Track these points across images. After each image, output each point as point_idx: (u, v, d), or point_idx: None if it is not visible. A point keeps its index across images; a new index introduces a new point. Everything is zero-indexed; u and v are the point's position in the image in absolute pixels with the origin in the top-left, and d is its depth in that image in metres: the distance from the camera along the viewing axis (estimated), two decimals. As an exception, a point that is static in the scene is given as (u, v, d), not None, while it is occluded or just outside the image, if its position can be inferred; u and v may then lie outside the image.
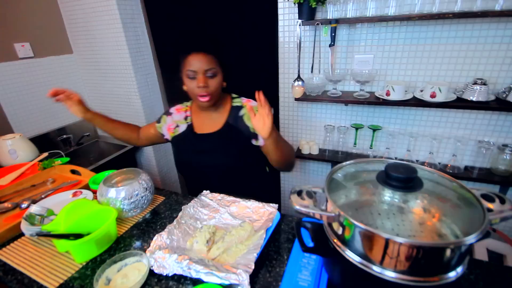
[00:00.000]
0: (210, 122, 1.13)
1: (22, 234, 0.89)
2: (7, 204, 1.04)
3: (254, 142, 1.10)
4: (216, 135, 1.11)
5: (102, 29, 1.92)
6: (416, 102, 1.36)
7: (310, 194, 0.57)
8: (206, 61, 0.98)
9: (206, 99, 1.02)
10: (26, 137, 1.65)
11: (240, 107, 1.12)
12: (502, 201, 0.50)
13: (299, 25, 1.43)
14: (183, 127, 1.18)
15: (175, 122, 1.20)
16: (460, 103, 1.30)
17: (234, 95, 1.17)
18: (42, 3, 1.90)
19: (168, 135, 1.22)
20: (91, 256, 0.80)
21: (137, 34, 1.97)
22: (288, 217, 0.91)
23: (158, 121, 1.24)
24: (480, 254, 1.35)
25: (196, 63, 0.98)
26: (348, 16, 1.42)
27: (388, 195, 0.54)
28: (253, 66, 1.89)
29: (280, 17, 1.58)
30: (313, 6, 1.37)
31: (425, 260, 0.44)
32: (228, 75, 1.07)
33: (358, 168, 0.64)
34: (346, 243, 0.52)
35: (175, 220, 0.86)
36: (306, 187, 0.60)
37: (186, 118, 1.19)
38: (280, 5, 1.56)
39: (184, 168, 1.20)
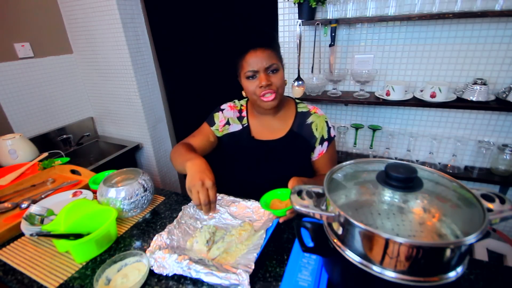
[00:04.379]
0: (271, 128, 1.04)
1: (22, 234, 0.89)
2: (7, 204, 1.04)
3: (311, 154, 1.04)
4: (278, 142, 1.01)
5: (102, 29, 1.92)
6: (416, 102, 1.36)
7: (310, 194, 0.57)
8: (266, 57, 0.88)
9: (272, 97, 0.91)
10: (26, 137, 1.65)
11: (307, 113, 1.04)
12: (502, 201, 0.50)
13: (299, 25, 1.43)
14: (235, 127, 1.08)
15: (225, 118, 1.09)
16: (460, 103, 1.30)
17: (297, 100, 1.09)
18: (42, 3, 1.90)
19: (218, 132, 1.10)
20: (91, 256, 0.80)
21: (137, 34, 1.97)
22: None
23: (211, 123, 1.10)
24: (480, 254, 1.35)
25: (256, 61, 0.87)
26: (348, 16, 1.42)
27: (388, 195, 0.54)
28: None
29: (280, 17, 1.58)
30: (313, 6, 1.37)
31: (425, 260, 0.44)
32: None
33: (358, 168, 0.64)
34: (346, 243, 0.52)
35: (175, 220, 0.86)
36: (306, 187, 0.60)
37: (240, 119, 1.08)
38: (280, 5, 1.56)
39: (228, 173, 1.08)
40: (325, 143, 1.03)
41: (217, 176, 0.90)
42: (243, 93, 1.00)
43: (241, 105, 1.11)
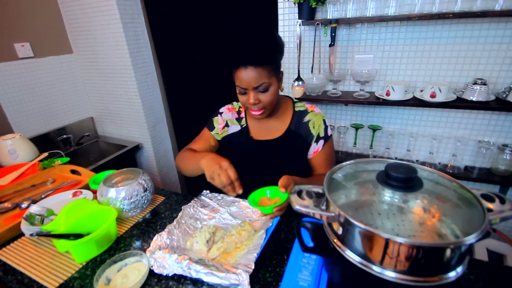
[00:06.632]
0: (269, 128, 1.05)
1: (22, 234, 0.89)
2: (7, 204, 1.04)
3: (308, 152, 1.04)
4: (275, 141, 1.02)
5: (102, 29, 1.92)
6: (416, 102, 1.36)
7: (310, 194, 0.57)
8: (255, 76, 0.85)
9: (259, 112, 0.93)
10: (26, 137, 1.65)
11: (304, 112, 1.04)
12: (502, 201, 0.50)
13: (299, 25, 1.43)
14: (234, 128, 1.09)
15: (224, 120, 1.10)
16: (460, 103, 1.30)
17: (295, 100, 1.09)
18: (42, 3, 1.90)
19: (218, 136, 1.11)
20: (91, 256, 0.80)
21: (137, 34, 1.97)
22: (288, 217, 0.91)
23: (211, 128, 1.11)
24: (480, 254, 1.35)
25: (245, 80, 0.86)
26: (348, 16, 1.42)
27: (388, 195, 0.54)
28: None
29: (280, 17, 1.58)
30: (313, 6, 1.37)
31: (425, 260, 0.44)
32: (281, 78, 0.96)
33: (358, 168, 0.64)
34: (346, 243, 0.52)
35: (175, 220, 0.86)
36: (306, 187, 0.60)
37: (239, 120, 1.09)
38: (280, 5, 1.56)
39: None
40: (321, 142, 1.02)
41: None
42: None
43: (239, 107, 1.12)
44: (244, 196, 0.94)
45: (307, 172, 1.05)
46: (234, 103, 1.14)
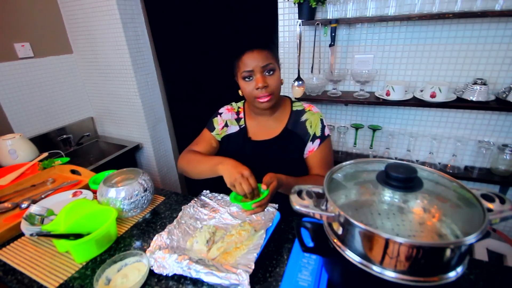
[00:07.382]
0: (267, 128, 1.05)
1: (22, 234, 0.89)
2: (7, 204, 1.04)
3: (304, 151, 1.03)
4: (272, 141, 1.03)
5: (102, 29, 1.92)
6: (416, 102, 1.36)
7: (310, 194, 0.57)
8: (262, 57, 0.90)
9: (267, 99, 0.93)
10: (26, 137, 1.65)
11: (301, 111, 1.05)
12: (502, 201, 0.50)
13: (299, 25, 1.43)
14: (233, 128, 1.10)
15: (224, 120, 1.11)
16: (460, 103, 1.30)
17: (293, 99, 1.10)
18: (42, 3, 1.89)
19: (218, 136, 1.12)
20: (91, 256, 0.80)
21: (137, 34, 1.97)
22: (288, 217, 0.91)
23: (211, 128, 1.11)
24: (480, 254, 1.35)
25: (251, 62, 0.90)
26: (348, 16, 1.42)
27: (388, 195, 0.54)
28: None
29: (280, 17, 1.58)
30: (313, 6, 1.37)
31: (425, 260, 0.44)
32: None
33: (358, 168, 0.64)
34: (346, 243, 0.52)
35: (175, 220, 0.86)
36: (306, 187, 0.60)
37: (238, 120, 1.10)
38: (280, 5, 1.55)
39: None
40: (317, 141, 1.02)
41: (216, 177, 0.91)
42: (240, 92, 1.00)
43: (239, 107, 1.13)
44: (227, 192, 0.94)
45: (304, 172, 1.05)
46: (233, 103, 1.14)
